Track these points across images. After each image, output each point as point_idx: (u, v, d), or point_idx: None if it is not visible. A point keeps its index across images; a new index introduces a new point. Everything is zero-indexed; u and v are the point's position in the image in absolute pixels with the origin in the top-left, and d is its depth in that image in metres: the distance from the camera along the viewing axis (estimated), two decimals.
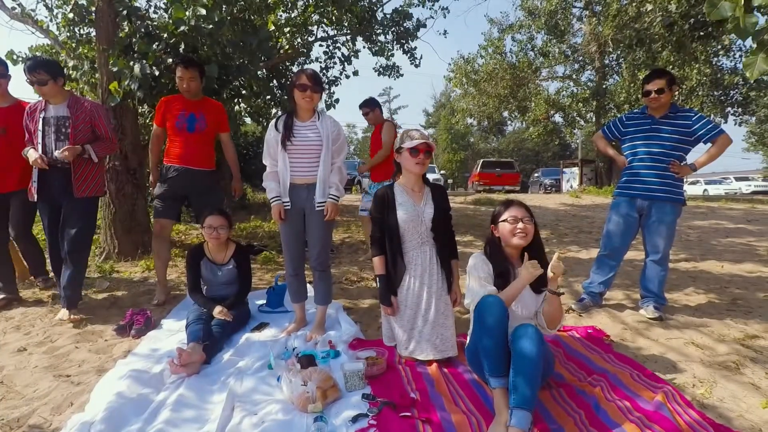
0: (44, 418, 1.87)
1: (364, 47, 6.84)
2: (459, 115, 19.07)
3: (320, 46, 6.90)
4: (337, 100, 7.01)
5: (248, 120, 7.89)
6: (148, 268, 4.29)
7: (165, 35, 4.49)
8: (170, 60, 4.55)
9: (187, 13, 4.37)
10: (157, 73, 4.41)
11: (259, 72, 6.69)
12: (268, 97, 6.57)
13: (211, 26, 4.48)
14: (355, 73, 7.05)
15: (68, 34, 5.47)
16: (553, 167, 23.63)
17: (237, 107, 5.48)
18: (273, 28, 5.78)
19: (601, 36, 14.93)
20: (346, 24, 6.62)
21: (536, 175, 22.61)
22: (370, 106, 4.62)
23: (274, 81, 7.06)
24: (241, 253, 2.99)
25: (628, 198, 3.04)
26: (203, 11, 4.36)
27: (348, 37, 6.66)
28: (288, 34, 6.23)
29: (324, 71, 7.05)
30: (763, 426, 1.77)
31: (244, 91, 5.60)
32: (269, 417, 1.81)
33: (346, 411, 1.84)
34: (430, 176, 17.08)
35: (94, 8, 4.61)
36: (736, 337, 2.65)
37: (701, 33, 5.81)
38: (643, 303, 3.07)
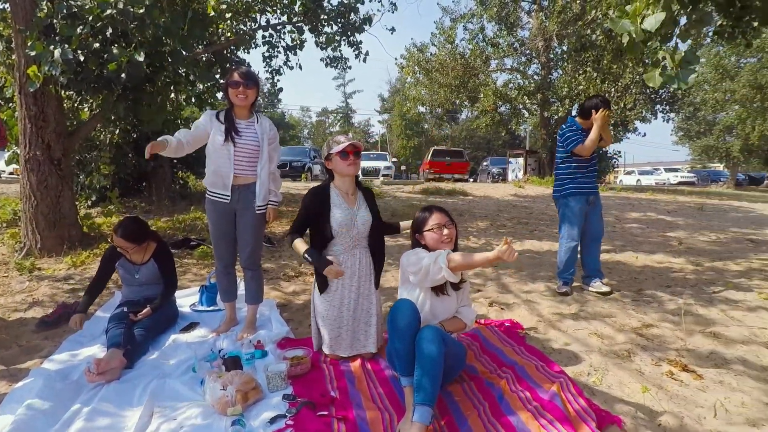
0: None
1: (311, 37, 6.73)
2: (411, 102, 19.22)
3: (263, 37, 6.71)
4: (280, 89, 6.91)
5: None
6: (74, 264, 4.11)
7: (90, 18, 4.22)
8: (97, 44, 4.31)
9: None
10: (82, 58, 4.16)
11: (205, 56, 6.44)
12: (210, 84, 6.35)
13: (141, 10, 4.25)
14: (300, 66, 6.91)
15: None
16: (501, 156, 24.40)
17: (173, 95, 5.24)
18: (213, 13, 5.55)
19: (547, 31, 15.51)
20: (292, 10, 6.46)
21: (485, 163, 23.27)
22: None
23: (218, 66, 6.82)
24: (161, 252, 2.91)
25: (584, 196, 3.58)
26: None
27: (292, 26, 6.51)
28: (229, 21, 6.01)
29: (267, 60, 6.88)
30: (639, 409, 2.01)
31: (180, 78, 5.38)
32: (188, 422, 1.84)
33: (266, 412, 1.90)
34: (382, 164, 17.33)
35: None
36: (634, 326, 2.94)
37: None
38: (590, 281, 3.65)
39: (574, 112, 3.64)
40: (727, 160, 26.09)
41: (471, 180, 19.77)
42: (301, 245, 2.38)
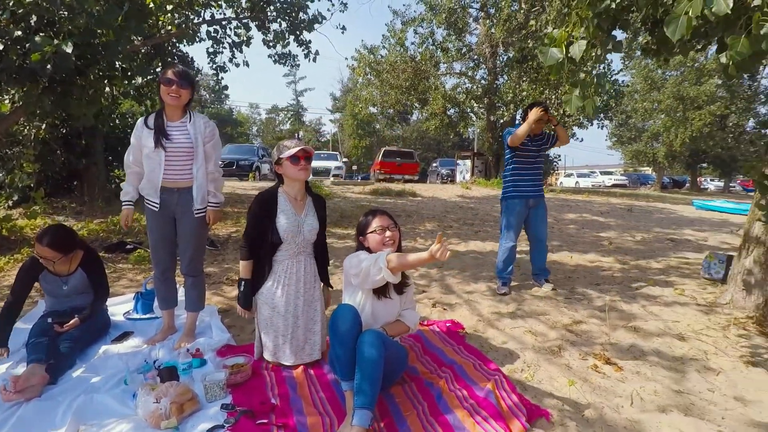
0: None
1: (258, 34, 6.56)
2: (362, 103, 19.27)
3: (207, 33, 6.45)
4: (225, 87, 6.69)
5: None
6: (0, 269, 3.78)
7: (11, 3, 3.89)
8: (19, 32, 3.98)
9: None
10: (1, 46, 3.83)
11: (144, 49, 6.10)
12: (150, 77, 6.04)
13: None
14: (246, 63, 6.71)
15: None
16: (450, 158, 24.98)
17: (108, 89, 4.94)
18: (152, 5, 5.27)
19: (494, 38, 16.09)
20: (239, 5, 6.28)
21: (434, 165, 23.73)
22: None
23: (159, 60, 6.50)
24: (90, 260, 2.72)
25: (523, 199, 3.75)
26: None
27: (238, 22, 6.33)
28: (170, 13, 5.74)
29: (212, 57, 6.63)
30: (565, 402, 2.15)
31: (116, 72, 5.08)
32: None
33: (203, 423, 1.86)
34: (333, 164, 17.21)
35: None
36: (565, 323, 3.14)
37: None
38: (539, 279, 3.94)
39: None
40: (654, 165, 28.26)
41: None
42: (244, 269, 2.40)
